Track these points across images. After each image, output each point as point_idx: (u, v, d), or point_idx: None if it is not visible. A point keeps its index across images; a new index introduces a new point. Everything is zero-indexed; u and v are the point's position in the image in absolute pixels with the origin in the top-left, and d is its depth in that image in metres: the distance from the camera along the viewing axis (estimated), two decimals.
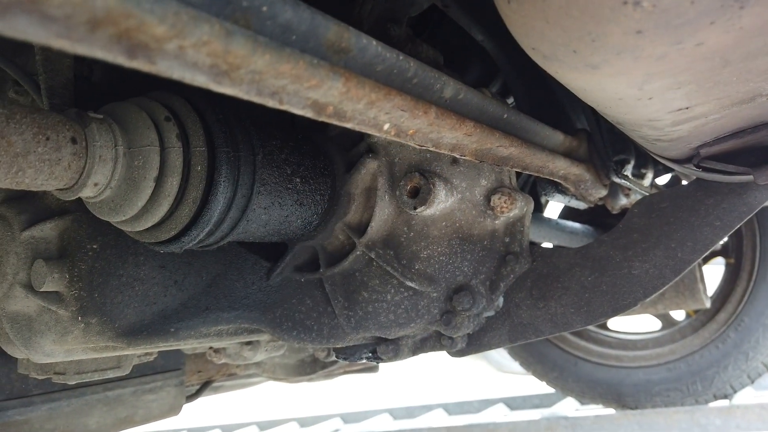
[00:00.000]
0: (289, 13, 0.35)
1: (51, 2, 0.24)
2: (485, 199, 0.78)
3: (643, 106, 0.47)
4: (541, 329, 0.82)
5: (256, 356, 0.98)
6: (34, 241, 0.65)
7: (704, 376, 1.78)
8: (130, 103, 0.58)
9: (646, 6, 0.33)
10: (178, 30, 0.28)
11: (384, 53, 0.44)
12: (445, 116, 0.50)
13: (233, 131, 0.61)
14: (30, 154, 0.48)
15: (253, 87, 0.35)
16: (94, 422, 1.06)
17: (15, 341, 0.67)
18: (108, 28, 0.26)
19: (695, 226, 0.74)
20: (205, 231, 0.60)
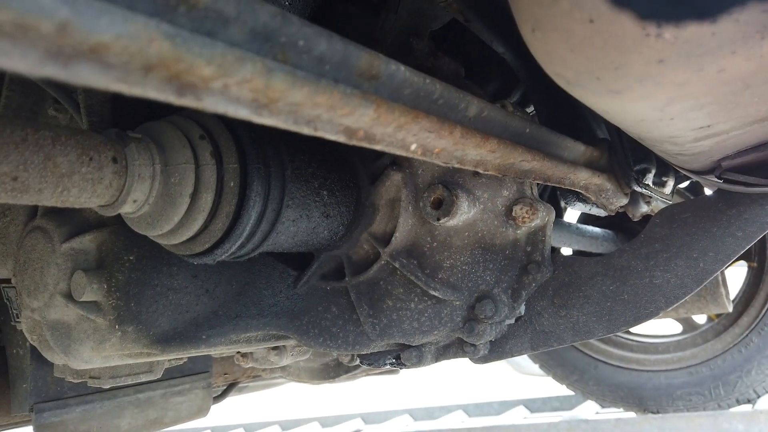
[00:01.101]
0: (324, 45, 0.37)
1: (110, 52, 0.26)
2: (507, 210, 0.79)
3: (665, 125, 0.48)
4: (562, 337, 0.83)
5: (282, 361, 1.00)
6: (74, 252, 0.67)
7: (727, 380, 1.77)
8: (166, 122, 0.61)
9: (668, 38, 0.34)
10: (224, 70, 0.30)
11: (411, 77, 0.45)
12: (469, 135, 0.52)
13: (264, 147, 0.63)
14: (74, 174, 0.51)
15: (291, 117, 0.37)
16: (126, 423, 1.10)
17: (55, 348, 0.70)
18: (160, 71, 0.28)
19: (717, 236, 0.74)
20: (237, 244, 0.62)
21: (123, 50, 0.26)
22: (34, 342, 0.75)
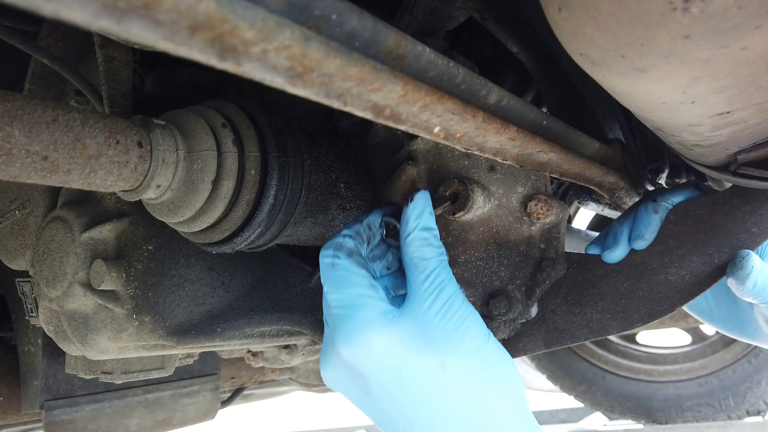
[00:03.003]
0: (355, 21, 0.38)
1: (160, 8, 0.27)
2: (522, 206, 0.80)
3: (685, 110, 0.49)
4: (576, 335, 0.82)
5: (293, 360, 1.00)
6: (93, 242, 0.68)
7: (737, 391, 1.76)
8: (189, 111, 0.62)
9: (695, 11, 0.35)
10: (265, 34, 0.31)
11: (436, 60, 0.46)
12: (490, 120, 0.52)
13: (284, 138, 0.64)
14: (102, 156, 0.52)
15: (323, 89, 0.37)
16: (135, 423, 1.09)
17: (72, 338, 0.70)
18: (205, 32, 0.29)
19: (732, 232, 0.74)
20: (257, 232, 0.63)
21: (173, 7, 0.27)
22: (50, 333, 0.75)
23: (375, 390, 0.54)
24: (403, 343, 0.54)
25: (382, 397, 0.53)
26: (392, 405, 0.53)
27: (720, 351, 1.82)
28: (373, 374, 0.53)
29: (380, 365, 0.53)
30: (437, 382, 0.53)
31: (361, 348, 0.54)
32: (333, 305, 0.57)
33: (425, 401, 0.52)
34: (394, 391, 0.53)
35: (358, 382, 0.55)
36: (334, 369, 0.56)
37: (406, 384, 0.53)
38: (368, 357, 0.53)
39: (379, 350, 0.53)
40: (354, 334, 0.54)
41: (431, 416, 0.52)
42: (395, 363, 0.53)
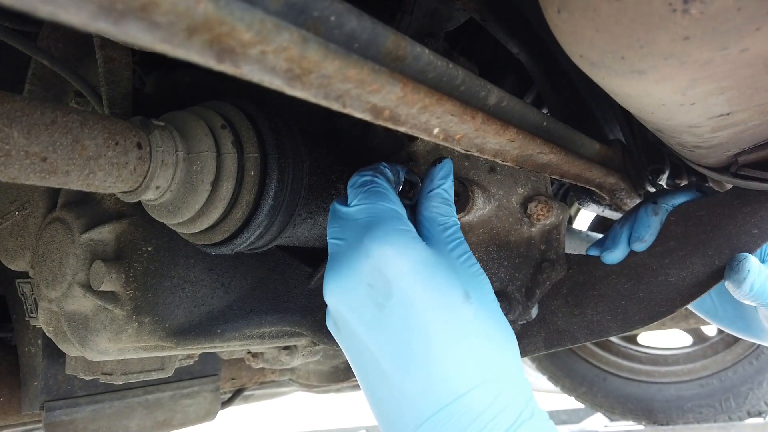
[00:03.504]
0: (354, 22, 0.38)
1: (158, 10, 0.27)
2: (522, 207, 0.80)
3: (685, 111, 0.49)
4: (576, 336, 0.82)
5: (293, 361, 1.00)
6: (93, 243, 0.68)
7: (738, 392, 1.75)
8: (188, 112, 0.62)
9: (694, 13, 0.35)
10: (263, 36, 0.31)
11: (435, 61, 0.46)
12: (490, 122, 0.52)
13: (283, 139, 0.64)
14: (101, 157, 0.51)
15: (321, 91, 0.37)
16: (135, 424, 1.09)
17: (72, 339, 0.70)
18: (203, 34, 0.29)
19: (733, 234, 0.74)
20: (256, 234, 0.63)
21: (171, 8, 0.27)
22: (50, 334, 0.75)
23: (396, 297, 0.51)
24: (433, 261, 0.54)
25: (400, 307, 0.51)
26: (406, 318, 0.51)
27: (721, 352, 1.82)
28: (399, 279, 0.52)
29: (410, 270, 0.52)
30: (459, 309, 0.52)
31: (394, 249, 0.52)
32: (366, 214, 0.56)
33: (443, 322, 0.51)
34: (415, 302, 0.51)
35: (377, 289, 0.52)
36: (348, 278, 0.53)
37: (429, 297, 0.51)
38: (401, 259, 0.52)
39: (413, 257, 0.53)
40: (391, 235, 0.53)
41: (444, 339, 0.50)
42: (424, 274, 0.52)
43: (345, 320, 0.54)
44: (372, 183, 0.59)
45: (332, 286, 0.55)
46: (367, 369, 0.53)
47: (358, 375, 0.55)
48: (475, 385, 0.49)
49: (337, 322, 0.56)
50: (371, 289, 0.52)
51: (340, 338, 0.56)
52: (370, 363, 0.52)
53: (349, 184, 0.61)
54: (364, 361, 0.53)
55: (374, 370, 0.52)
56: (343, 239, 0.57)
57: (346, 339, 0.55)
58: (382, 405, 0.52)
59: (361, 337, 0.52)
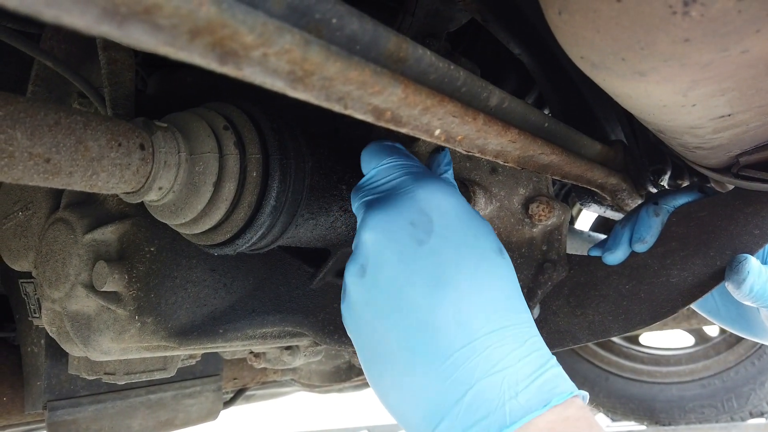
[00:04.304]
0: (356, 25, 0.38)
1: (161, 13, 0.27)
2: (523, 208, 0.80)
3: (686, 113, 0.49)
4: (578, 336, 0.82)
5: (295, 361, 1.00)
6: (96, 243, 0.68)
7: (740, 392, 1.75)
8: (191, 113, 0.62)
9: (695, 15, 0.35)
10: (265, 39, 0.31)
11: (437, 63, 0.46)
12: (491, 123, 0.52)
13: (285, 140, 0.64)
14: (104, 158, 0.52)
15: (323, 92, 0.38)
16: (137, 424, 1.10)
17: (75, 339, 0.71)
18: (206, 37, 0.29)
19: (734, 234, 0.74)
20: (258, 234, 0.63)
21: (174, 12, 0.27)
22: (53, 334, 0.75)
23: (436, 234, 0.54)
24: (474, 213, 0.58)
25: (439, 244, 0.53)
26: (443, 254, 0.53)
27: (723, 353, 1.82)
28: (442, 218, 0.55)
29: (453, 213, 0.56)
30: (493, 258, 0.55)
31: (440, 193, 0.57)
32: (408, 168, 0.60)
33: (478, 264, 0.53)
34: (455, 242, 0.54)
35: (418, 226, 0.54)
36: (392, 215, 0.55)
37: (468, 241, 0.54)
38: (445, 202, 0.56)
39: (456, 203, 0.57)
40: (436, 182, 0.58)
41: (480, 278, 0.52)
42: (466, 220, 0.56)
43: (379, 256, 0.55)
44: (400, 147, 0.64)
45: (374, 222, 0.56)
46: (389, 307, 0.53)
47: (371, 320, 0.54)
48: (506, 326, 0.50)
49: (368, 262, 0.55)
50: (413, 226, 0.54)
51: (363, 282, 0.56)
52: (395, 297, 0.53)
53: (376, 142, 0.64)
54: (385, 299, 0.53)
55: (397, 307, 0.52)
56: (388, 182, 0.60)
57: (372, 279, 0.55)
58: (401, 346, 0.51)
59: (394, 268, 0.53)
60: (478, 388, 0.47)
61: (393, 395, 0.52)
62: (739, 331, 0.87)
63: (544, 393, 0.47)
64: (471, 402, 0.47)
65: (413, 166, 0.61)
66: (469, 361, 0.48)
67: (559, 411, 0.47)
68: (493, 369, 0.48)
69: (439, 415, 0.48)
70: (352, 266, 0.57)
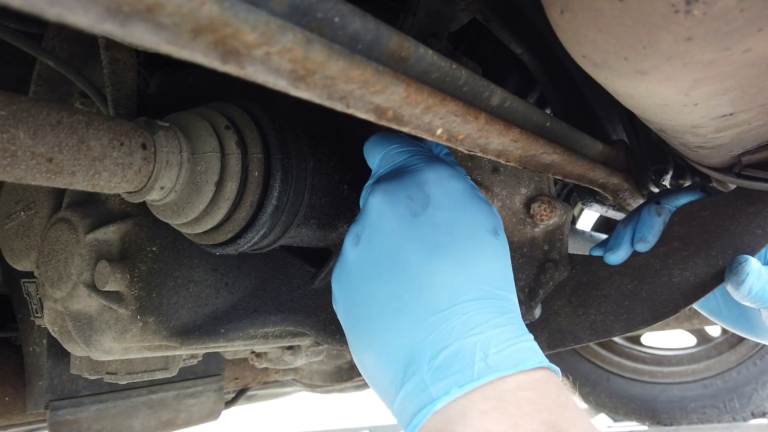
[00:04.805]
0: (358, 24, 0.38)
1: (163, 12, 0.27)
2: (525, 207, 0.80)
3: (688, 112, 0.49)
4: (580, 336, 0.82)
5: (296, 361, 1.00)
6: (98, 243, 0.68)
7: (742, 393, 1.75)
8: (193, 113, 0.62)
9: (697, 14, 0.35)
10: (267, 38, 0.31)
11: (438, 62, 0.46)
12: (493, 122, 0.52)
13: (287, 139, 0.64)
14: (106, 158, 0.52)
15: (325, 91, 0.38)
16: (139, 424, 1.10)
17: (77, 339, 0.71)
18: (208, 35, 0.29)
19: (736, 234, 0.74)
20: (260, 234, 0.63)
21: (176, 10, 0.27)
22: (55, 333, 0.75)
23: (433, 206, 0.56)
24: (472, 193, 0.60)
25: (435, 215, 0.56)
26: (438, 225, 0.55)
27: (725, 353, 1.82)
28: (439, 194, 0.57)
29: (451, 190, 0.58)
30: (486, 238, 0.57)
31: (445, 173, 0.59)
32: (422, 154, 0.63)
33: (473, 240, 0.55)
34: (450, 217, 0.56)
35: (416, 201, 0.57)
36: (392, 193, 0.58)
37: (466, 218, 0.56)
38: (446, 181, 0.59)
39: (454, 181, 0.59)
40: (441, 165, 0.61)
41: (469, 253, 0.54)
42: (460, 201, 0.58)
43: (375, 224, 0.57)
44: None
45: (375, 195, 0.59)
46: (378, 272, 0.56)
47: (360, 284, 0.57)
48: (489, 297, 0.53)
49: (364, 231, 0.58)
50: (410, 200, 0.57)
51: (358, 248, 0.58)
52: (388, 258, 0.55)
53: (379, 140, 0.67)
54: (376, 264, 0.56)
55: (386, 271, 0.55)
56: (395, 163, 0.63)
57: (366, 244, 0.57)
58: (386, 306, 0.54)
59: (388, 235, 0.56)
60: (453, 348, 0.49)
61: (371, 353, 0.55)
62: (741, 332, 0.87)
63: (514, 359, 0.49)
64: (444, 360, 0.49)
65: (419, 150, 0.63)
66: (450, 321, 0.50)
67: (528, 374, 0.48)
68: (470, 332, 0.50)
69: (412, 370, 0.50)
70: (350, 235, 0.60)
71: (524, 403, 0.46)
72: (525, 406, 0.46)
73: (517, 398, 0.46)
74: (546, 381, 0.49)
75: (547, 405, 0.46)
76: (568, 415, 0.47)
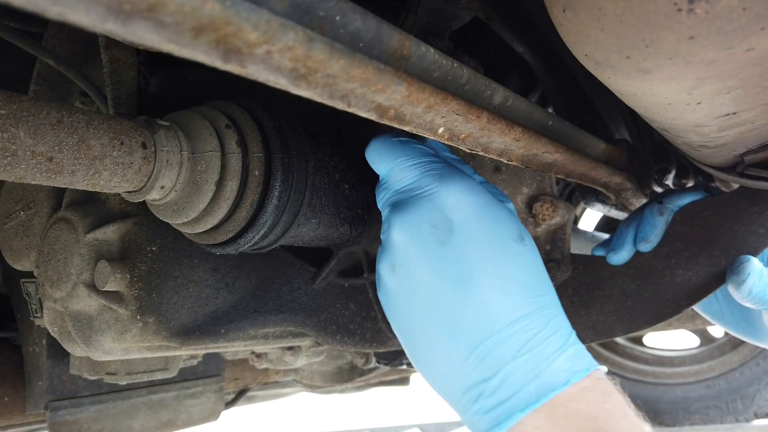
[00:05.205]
0: (359, 22, 0.38)
1: (165, 10, 0.27)
2: (527, 207, 0.80)
3: (691, 111, 0.48)
4: (582, 337, 0.82)
5: (297, 361, 1.00)
6: (98, 243, 0.68)
7: (744, 393, 1.74)
8: (193, 112, 0.62)
9: (699, 13, 0.35)
10: (269, 36, 0.31)
11: (440, 60, 0.46)
12: (495, 121, 0.52)
13: (287, 138, 0.64)
14: (106, 157, 0.52)
15: (326, 90, 0.37)
16: (139, 424, 1.09)
17: (76, 339, 0.71)
18: (210, 34, 0.29)
19: (739, 234, 0.74)
20: (261, 233, 0.63)
21: (178, 9, 0.27)
22: (54, 333, 0.75)
23: (457, 231, 0.56)
24: (492, 203, 0.59)
25: (460, 244, 0.56)
26: (465, 253, 0.55)
27: (728, 353, 1.81)
28: (460, 215, 0.57)
29: (470, 207, 0.58)
30: (514, 247, 0.57)
31: (459, 189, 0.58)
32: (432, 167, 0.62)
33: (499, 258, 0.56)
34: (475, 239, 0.56)
35: (439, 228, 0.57)
36: (413, 217, 0.58)
37: (488, 236, 0.56)
38: (463, 202, 0.58)
39: (470, 196, 0.59)
40: (453, 179, 0.59)
41: (500, 271, 0.55)
42: (484, 216, 0.57)
43: (406, 256, 0.58)
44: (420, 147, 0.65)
45: (397, 225, 0.59)
46: (421, 302, 0.57)
47: (407, 311, 0.58)
48: (528, 313, 0.54)
49: (396, 261, 0.59)
50: (434, 228, 0.57)
51: (395, 278, 0.59)
52: (425, 295, 0.56)
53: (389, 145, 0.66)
54: (417, 294, 0.57)
55: (428, 302, 0.56)
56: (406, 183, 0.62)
57: (403, 277, 0.58)
58: (435, 335, 0.56)
59: (421, 269, 0.56)
60: (505, 372, 0.52)
61: (429, 375, 0.58)
62: (743, 335, 0.87)
63: (564, 372, 0.51)
64: (498, 385, 0.52)
65: (427, 163, 0.62)
66: (497, 347, 0.52)
67: (578, 384, 0.51)
68: (518, 353, 0.52)
69: (473, 396, 0.53)
70: (384, 262, 0.61)
71: (573, 415, 0.49)
72: (574, 417, 0.49)
73: (567, 411, 0.50)
74: (592, 389, 0.51)
75: (593, 414, 0.50)
76: (614, 420, 0.51)
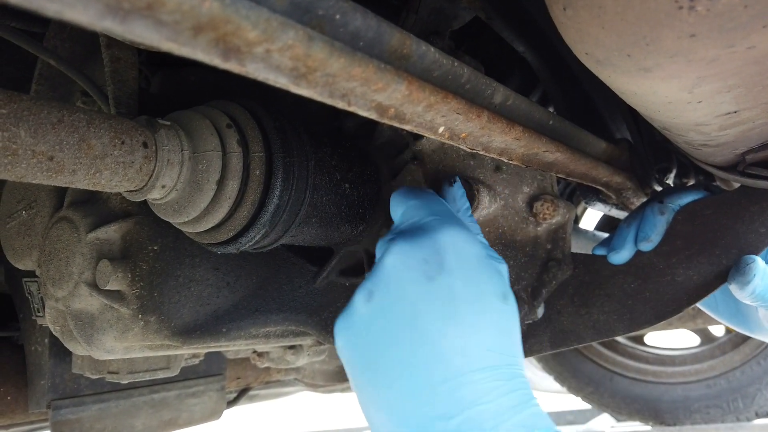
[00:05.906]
0: (359, 21, 0.38)
1: (164, 9, 0.27)
2: (528, 206, 0.79)
3: (692, 109, 0.48)
4: (582, 336, 0.82)
5: (298, 360, 1.00)
6: (99, 242, 0.68)
7: (745, 393, 1.74)
8: (194, 111, 0.62)
9: (701, 10, 0.35)
10: (268, 35, 0.31)
11: (441, 59, 0.46)
12: (496, 120, 0.52)
13: (288, 138, 0.64)
14: (107, 156, 0.52)
15: (326, 89, 0.37)
16: (141, 423, 1.10)
17: (78, 338, 0.71)
18: (209, 33, 0.29)
19: (740, 233, 0.74)
20: (261, 233, 0.63)
21: (177, 7, 0.27)
22: (56, 333, 0.75)
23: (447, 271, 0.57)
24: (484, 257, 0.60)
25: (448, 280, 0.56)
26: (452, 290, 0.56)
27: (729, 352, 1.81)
28: (454, 259, 0.58)
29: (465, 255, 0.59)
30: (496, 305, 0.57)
31: (460, 237, 0.59)
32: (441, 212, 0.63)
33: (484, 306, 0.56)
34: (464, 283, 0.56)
35: (431, 265, 0.57)
36: (408, 254, 0.58)
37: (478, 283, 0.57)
38: (461, 244, 0.59)
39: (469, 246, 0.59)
40: (458, 228, 0.60)
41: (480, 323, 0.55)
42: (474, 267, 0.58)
43: (388, 284, 0.57)
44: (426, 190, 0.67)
45: (391, 254, 0.59)
46: (400, 329, 0.56)
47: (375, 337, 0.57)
48: (496, 365, 0.54)
49: (377, 288, 0.58)
50: (426, 263, 0.57)
51: (369, 305, 0.58)
52: (404, 323, 0.56)
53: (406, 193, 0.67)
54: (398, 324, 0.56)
55: (409, 330, 0.55)
56: (413, 220, 0.62)
57: (378, 304, 0.57)
58: (413, 359, 0.55)
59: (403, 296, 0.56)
60: (465, 416, 0.51)
61: (382, 412, 0.55)
62: (736, 327, 0.87)
63: (523, 428, 0.51)
64: (457, 427, 0.51)
65: (438, 210, 0.63)
66: (463, 388, 0.52)
67: None
68: (481, 399, 0.52)
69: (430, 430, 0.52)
70: (362, 290, 0.60)
71: None
72: None
73: None
74: None
75: None
76: None
